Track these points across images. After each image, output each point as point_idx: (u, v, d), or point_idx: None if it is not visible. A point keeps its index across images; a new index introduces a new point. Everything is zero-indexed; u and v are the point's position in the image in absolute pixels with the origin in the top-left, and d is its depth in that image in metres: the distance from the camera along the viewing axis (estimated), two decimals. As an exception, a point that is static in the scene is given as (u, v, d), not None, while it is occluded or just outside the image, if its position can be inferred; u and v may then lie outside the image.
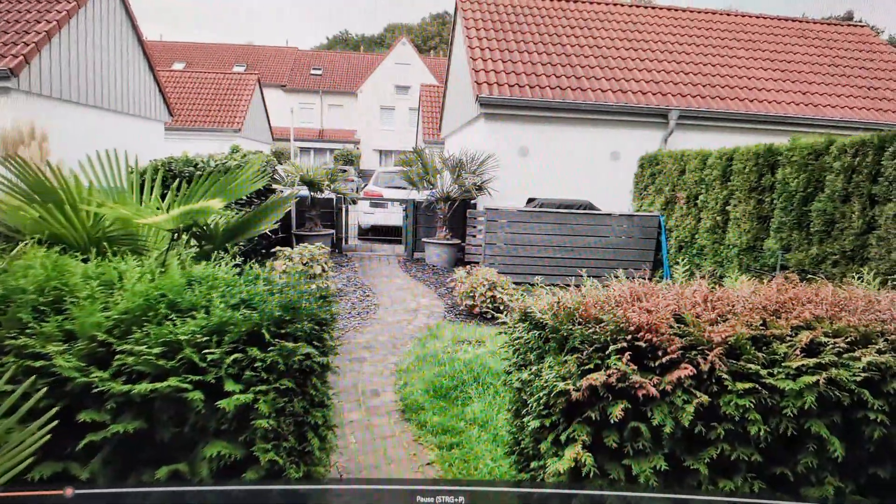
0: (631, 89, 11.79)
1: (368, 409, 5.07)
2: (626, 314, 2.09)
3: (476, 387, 5.24)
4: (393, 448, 4.46)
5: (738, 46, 13.87)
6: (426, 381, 5.43)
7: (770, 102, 12.14)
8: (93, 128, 13.85)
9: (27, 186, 2.92)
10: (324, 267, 8.14)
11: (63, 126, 12.51)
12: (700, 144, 9.37)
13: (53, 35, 12.54)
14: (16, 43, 11.93)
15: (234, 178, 3.26)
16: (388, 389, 5.47)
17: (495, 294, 7.48)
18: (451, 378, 5.42)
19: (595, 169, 11.54)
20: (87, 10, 13.82)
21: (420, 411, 4.92)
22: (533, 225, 9.73)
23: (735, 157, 8.06)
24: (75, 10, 13.17)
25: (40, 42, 12.12)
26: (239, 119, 25.64)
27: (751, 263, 7.63)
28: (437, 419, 4.76)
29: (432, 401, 5.09)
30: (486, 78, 11.59)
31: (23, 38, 12.06)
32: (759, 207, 7.58)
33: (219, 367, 1.92)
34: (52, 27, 12.44)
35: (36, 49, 11.99)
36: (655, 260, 9.73)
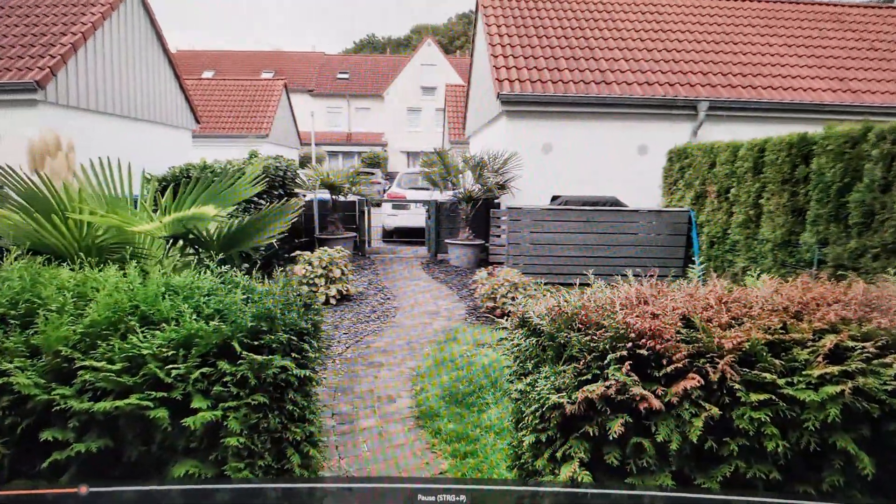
0: (658, 81, 11.46)
1: (383, 416, 4.96)
2: (626, 320, 1.92)
3: (493, 392, 5.08)
4: (406, 457, 4.34)
5: (769, 33, 13.37)
6: (443, 387, 5.30)
7: (805, 90, 11.66)
8: (120, 137, 14.09)
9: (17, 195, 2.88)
10: (343, 270, 8.08)
11: (90, 136, 12.74)
12: (732, 136, 9.02)
13: (79, 47, 12.77)
14: (42, 56, 12.17)
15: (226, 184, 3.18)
16: (404, 395, 5.35)
17: (517, 295, 7.31)
18: (469, 383, 5.28)
19: (621, 164, 11.25)
20: (113, 21, 14.07)
21: (435, 418, 4.80)
22: (557, 223, 9.51)
23: (767, 147, 7.72)
24: (101, 22, 13.41)
25: (66, 54, 12.35)
26: (266, 125, 25.93)
27: (786, 259, 7.29)
28: (452, 426, 4.63)
29: (448, 407, 4.96)
30: (508, 75, 11.41)
31: (49, 51, 12.30)
32: (793, 200, 7.24)
33: (186, 383, 1.82)
34: (77, 39, 12.67)
35: (62, 61, 12.22)
36: (686, 257, 9.41)
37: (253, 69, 42.19)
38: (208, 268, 2.51)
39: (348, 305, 8.03)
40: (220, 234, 3.25)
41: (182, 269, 3.18)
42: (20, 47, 12.54)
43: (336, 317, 7.49)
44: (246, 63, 44.13)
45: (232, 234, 3.28)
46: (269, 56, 46.18)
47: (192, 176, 7.58)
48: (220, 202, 3.24)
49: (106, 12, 13.54)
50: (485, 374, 5.41)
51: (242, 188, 3.32)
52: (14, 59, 12.19)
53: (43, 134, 10.65)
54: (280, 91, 27.72)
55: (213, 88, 27.78)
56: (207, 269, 2.49)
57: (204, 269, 2.53)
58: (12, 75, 11.76)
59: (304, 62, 45.21)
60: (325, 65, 45.32)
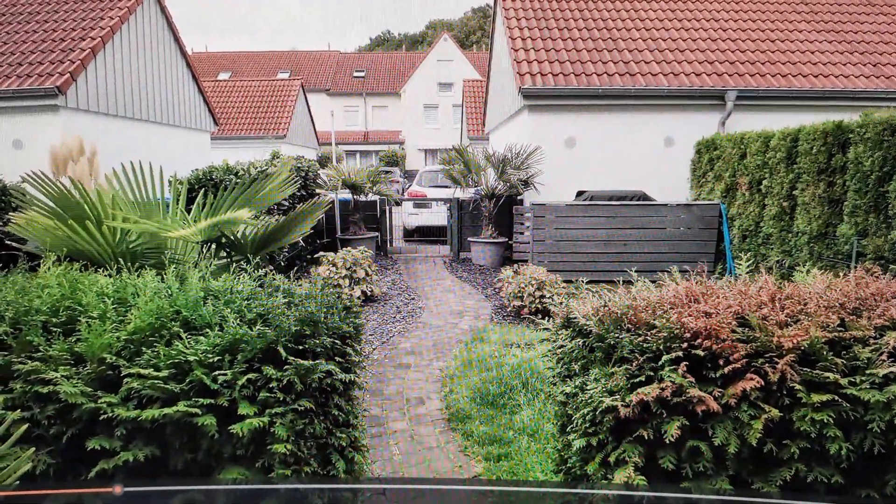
0: (684, 71, 11.31)
1: (413, 419, 4.96)
2: (681, 319, 1.87)
3: (525, 393, 5.05)
4: (438, 460, 4.33)
5: (798, 19, 13.12)
6: (473, 388, 5.28)
7: (837, 77, 11.42)
8: (140, 141, 14.29)
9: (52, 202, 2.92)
10: (367, 271, 8.09)
11: (111, 140, 12.96)
12: (762, 126, 8.86)
13: (98, 51, 12.94)
14: (62, 61, 12.35)
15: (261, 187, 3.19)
16: (434, 397, 5.34)
17: (544, 294, 7.26)
18: (499, 384, 5.25)
19: (648, 157, 11.12)
20: (130, 25, 14.25)
21: (466, 420, 4.78)
22: (583, 219, 9.43)
23: (801, 137, 7.57)
24: (118, 26, 13.58)
25: (85, 58, 12.52)
26: (284, 125, 26.11)
27: (823, 251, 7.15)
28: (484, 428, 4.61)
29: (479, 409, 4.94)
30: (529, 68, 11.33)
31: (68, 56, 12.47)
32: (829, 190, 7.09)
33: (232, 389, 1.81)
34: (96, 43, 12.84)
35: (82, 66, 12.39)
36: (717, 251, 9.28)
37: (269, 70, 42.51)
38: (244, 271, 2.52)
39: (373, 306, 8.05)
40: (253, 237, 3.26)
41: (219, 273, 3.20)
42: (40, 53, 12.75)
43: (361, 318, 7.49)
44: (262, 63, 44.47)
45: (264, 236, 3.29)
46: (284, 56, 46.49)
47: (216, 178, 7.65)
48: (254, 205, 3.26)
49: (123, 16, 13.71)
50: (515, 374, 5.37)
51: (275, 191, 3.33)
52: (34, 65, 12.40)
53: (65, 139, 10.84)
54: (297, 91, 27.89)
55: (230, 90, 28.05)
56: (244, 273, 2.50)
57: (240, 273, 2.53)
58: (33, 81, 11.97)
59: (319, 61, 45.44)
60: (341, 63, 45.51)
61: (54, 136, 12.12)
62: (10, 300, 2.01)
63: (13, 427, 1.68)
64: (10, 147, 12.30)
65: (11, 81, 11.96)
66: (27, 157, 11.98)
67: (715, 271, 9.29)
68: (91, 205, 2.74)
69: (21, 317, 1.97)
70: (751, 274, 2.57)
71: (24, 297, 2.06)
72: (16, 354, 1.85)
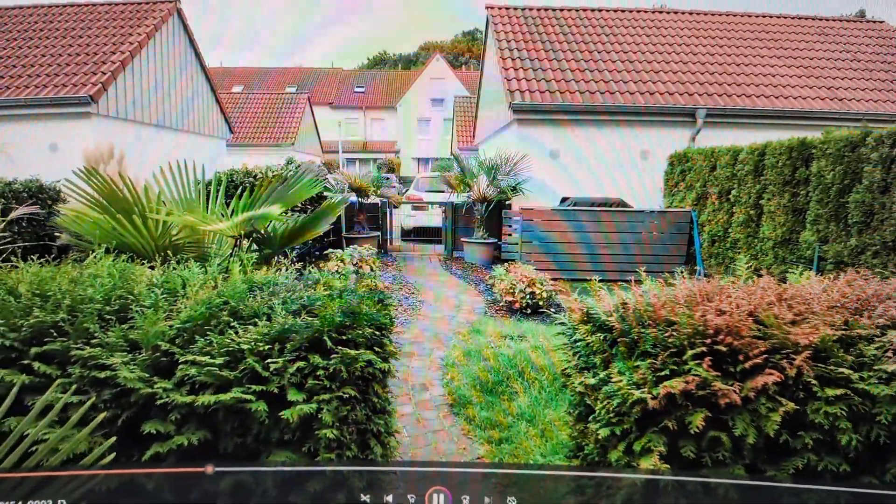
0: (658, 90, 11.32)
1: (418, 403, 4.86)
2: (706, 316, 1.80)
3: (521, 382, 4.98)
4: (443, 442, 4.24)
5: (760, 46, 13.20)
6: (472, 376, 5.19)
7: (796, 98, 11.50)
8: (163, 146, 14.07)
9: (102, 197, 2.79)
10: (372, 267, 7.98)
11: (137, 145, 12.74)
12: (728, 141, 8.88)
13: (127, 64, 12.75)
14: (94, 72, 12.16)
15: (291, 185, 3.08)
16: (436, 384, 5.25)
17: (534, 291, 7.19)
18: (497, 373, 5.18)
19: (626, 168, 11.11)
20: (156, 41, 14.03)
21: (468, 406, 4.69)
22: (567, 223, 9.39)
23: (767, 151, 7.57)
24: (146, 41, 13.38)
25: (116, 70, 12.34)
26: (292, 134, 25.87)
27: (787, 256, 7.15)
28: (484, 414, 4.53)
29: (479, 395, 4.85)
30: (518, 86, 11.28)
31: (100, 68, 12.29)
32: (793, 201, 7.10)
33: (281, 376, 1.72)
34: (125, 57, 12.65)
35: (112, 77, 12.21)
36: (688, 254, 9.28)
37: (278, 84, 42.10)
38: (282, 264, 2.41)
39: (378, 299, 7.93)
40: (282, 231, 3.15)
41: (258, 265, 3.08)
42: (74, 65, 12.58)
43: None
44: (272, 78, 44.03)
45: (291, 231, 3.18)
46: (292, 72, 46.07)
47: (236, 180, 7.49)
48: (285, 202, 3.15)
49: (150, 32, 13.51)
50: (511, 364, 5.30)
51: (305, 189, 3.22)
52: (70, 75, 12.22)
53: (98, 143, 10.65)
54: (304, 104, 27.67)
55: (243, 101, 27.73)
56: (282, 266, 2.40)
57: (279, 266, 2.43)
58: (68, 90, 11.80)
59: (324, 77, 45.12)
60: (343, 80, 45.24)
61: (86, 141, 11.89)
62: (65, 289, 1.90)
63: (73, 412, 1.57)
64: (46, 150, 12.06)
65: (49, 90, 11.79)
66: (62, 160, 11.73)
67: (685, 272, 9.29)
68: (136, 199, 2.62)
69: (77, 304, 1.85)
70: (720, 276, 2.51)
71: (78, 286, 1.94)
72: (73, 341, 1.74)
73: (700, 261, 8.98)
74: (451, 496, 1.49)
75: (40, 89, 11.58)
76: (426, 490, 1.50)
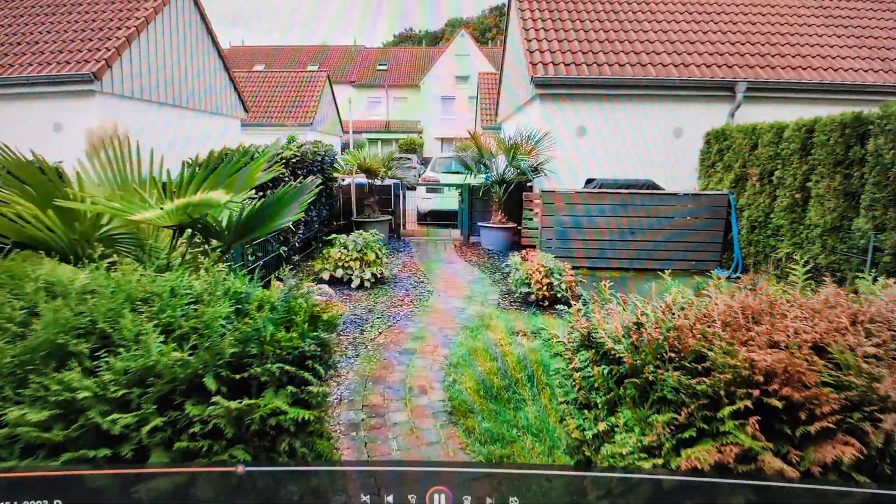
0: (694, 62, 10.47)
1: (415, 410, 4.39)
2: (753, 355, 1.25)
3: (530, 387, 4.46)
4: (437, 458, 3.76)
5: (807, 13, 12.13)
6: (476, 379, 4.70)
7: (846, 70, 10.52)
8: (172, 126, 13.78)
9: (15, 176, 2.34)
10: (378, 254, 7.51)
11: (144, 124, 12.46)
12: (771, 118, 8.08)
13: (133, 40, 12.43)
14: (98, 49, 11.88)
15: (235, 167, 2.59)
16: (437, 386, 4.77)
17: (552, 281, 6.63)
18: (503, 376, 4.67)
19: (657, 147, 10.35)
20: (164, 16, 13.67)
21: (468, 414, 4.20)
22: (592, 207, 8.74)
23: (816, 128, 6.80)
24: (153, 17, 13.03)
25: (121, 47, 12.03)
26: (311, 114, 25.48)
27: (836, 245, 6.42)
28: (486, 425, 4.03)
29: (482, 401, 4.36)
30: (542, 58, 10.57)
31: (105, 44, 12.00)
32: (846, 183, 6.35)
33: (139, 433, 1.23)
34: (131, 32, 12.33)
35: (117, 53, 11.91)
36: (724, 241, 8.55)
37: (300, 62, 41.77)
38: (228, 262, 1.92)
39: (382, 288, 7.47)
40: (229, 221, 2.67)
41: (191, 263, 2.60)
42: (79, 41, 12.32)
43: (370, 300, 6.94)
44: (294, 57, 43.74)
45: (245, 221, 2.69)
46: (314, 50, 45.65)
47: (230, 160, 7.06)
48: (232, 187, 2.66)
49: (158, 7, 13.16)
50: (521, 366, 4.78)
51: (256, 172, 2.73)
52: (73, 52, 11.98)
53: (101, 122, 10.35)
54: (323, 82, 27.19)
55: (263, 80, 27.40)
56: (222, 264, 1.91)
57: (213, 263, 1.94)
58: (71, 67, 11.54)
59: (346, 55, 44.59)
60: (366, 57, 44.61)
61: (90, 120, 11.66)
62: None
63: None
64: (50, 130, 11.87)
65: (52, 67, 11.56)
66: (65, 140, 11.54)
67: (721, 261, 8.59)
68: (39, 181, 2.16)
69: None
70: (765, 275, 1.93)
71: None
72: None
73: (738, 249, 8.25)
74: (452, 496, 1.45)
75: (43, 66, 11.35)
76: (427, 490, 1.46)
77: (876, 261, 5.76)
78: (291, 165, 7.68)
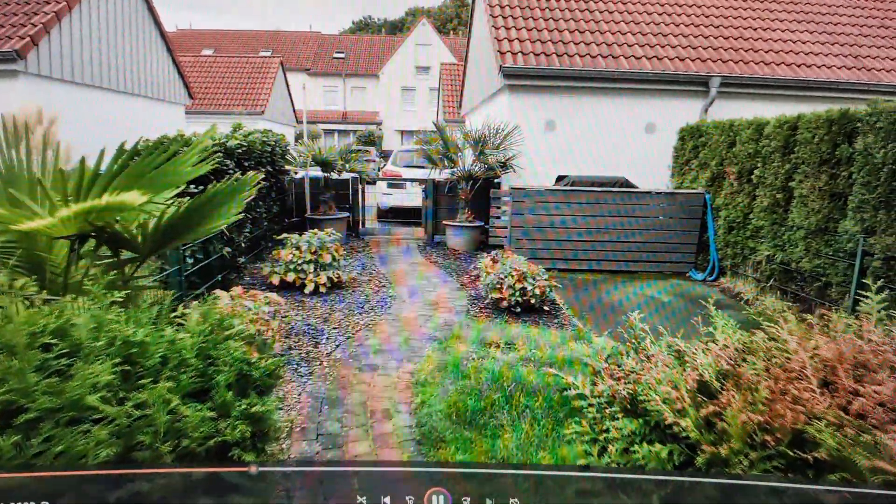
0: (668, 55, 10.29)
1: (378, 438, 3.91)
2: None
3: (508, 410, 4.05)
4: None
5: (779, 9, 12.15)
6: (447, 400, 4.25)
7: (819, 67, 10.53)
8: (107, 111, 12.81)
9: None
10: (334, 256, 6.97)
11: (75, 110, 11.47)
12: (743, 114, 7.93)
13: (63, 16, 11.44)
14: (24, 24, 10.88)
15: (155, 159, 2.06)
16: (403, 409, 4.30)
17: (525, 286, 6.25)
18: (477, 397, 4.24)
19: (629, 143, 10.13)
20: (101, -6, 12.69)
21: (440, 444, 3.76)
22: (563, 205, 8.42)
23: (800, 125, 6.63)
24: (86, -8, 12.05)
25: (48, 23, 11.06)
26: (262, 102, 24.50)
27: (821, 248, 6.26)
28: (461, 457, 3.60)
29: (455, 428, 3.92)
30: (510, 47, 10.18)
31: (31, 20, 11.01)
32: (831, 183, 6.18)
33: None
34: (61, 7, 11.36)
35: (44, 30, 10.93)
36: (700, 242, 8.37)
37: (252, 48, 40.37)
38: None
39: (340, 294, 6.95)
40: (155, 227, 2.14)
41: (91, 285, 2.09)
42: (1, 16, 11.24)
43: (326, 308, 6.40)
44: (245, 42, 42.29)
45: (166, 227, 2.16)
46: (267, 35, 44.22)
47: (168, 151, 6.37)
48: (151, 186, 2.13)
49: (92, -18, 12.17)
50: (497, 385, 4.36)
51: (187, 167, 2.20)
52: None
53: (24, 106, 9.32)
54: (276, 69, 26.19)
55: (211, 66, 26.18)
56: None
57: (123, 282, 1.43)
58: (-8, 45, 10.50)
59: (301, 42, 43.35)
60: (322, 44, 43.46)
61: (13, 104, 10.63)
62: None
63: None
64: (-31, 115, 10.79)
65: (-29, 45, 10.48)
66: (-18, 124, 10.50)
67: (696, 262, 8.40)
68: None
69: None
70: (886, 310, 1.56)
71: None
72: None
73: (714, 250, 8.07)
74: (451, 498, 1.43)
75: (-41, 43, 10.29)
76: (425, 491, 1.44)
77: (865, 265, 5.60)
78: (237, 156, 7.05)
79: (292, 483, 1.50)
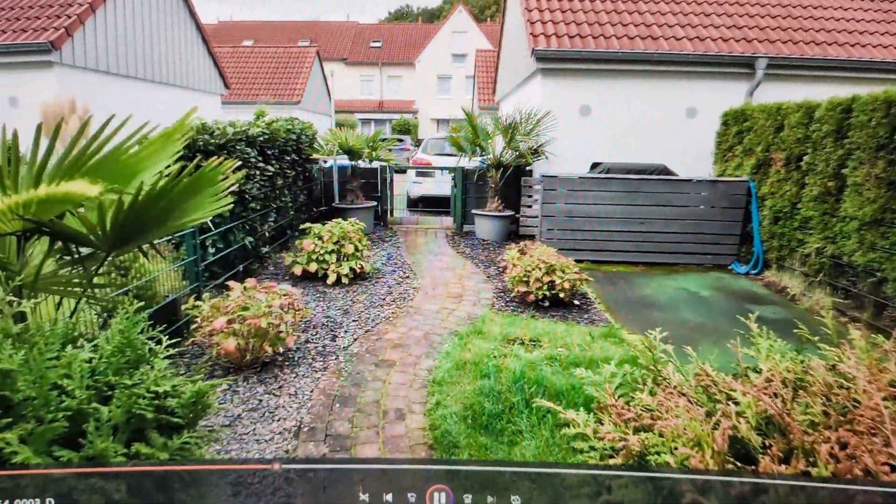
0: (710, 36, 9.66)
1: (388, 441, 3.68)
2: None
3: (529, 415, 3.75)
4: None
5: (832, -15, 11.30)
6: (464, 401, 3.98)
7: (875, 47, 9.73)
8: (142, 101, 12.90)
9: None
10: (357, 246, 6.76)
11: (110, 100, 11.57)
12: (793, 97, 7.32)
13: (97, 7, 11.54)
14: (59, 16, 11.02)
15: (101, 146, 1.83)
16: (417, 409, 4.05)
17: (554, 280, 5.90)
18: (497, 399, 3.95)
19: (668, 128, 9.59)
20: (135, -16, 12.76)
21: (453, 449, 3.50)
22: (597, 194, 7.99)
23: (855, 107, 6.05)
24: (121, -17, 12.13)
25: (83, 14, 11.17)
26: (298, 91, 24.52)
27: (876, 240, 5.70)
28: (474, 465, 3.33)
29: (470, 433, 3.64)
30: (543, 29, 9.74)
31: (66, 11, 11.14)
32: (889, 170, 5.61)
33: None
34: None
35: (79, 21, 11.04)
36: (743, 233, 7.83)
37: (291, 39, 40.57)
38: None
39: (362, 285, 6.74)
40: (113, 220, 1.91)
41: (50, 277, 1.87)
42: (38, 8, 11.46)
43: (347, 300, 6.20)
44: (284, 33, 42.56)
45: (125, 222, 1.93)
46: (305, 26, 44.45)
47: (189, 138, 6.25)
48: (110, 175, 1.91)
49: (128, -27, 12.24)
50: (518, 386, 4.07)
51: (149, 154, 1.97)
52: (31, 19, 11.13)
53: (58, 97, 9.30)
54: (312, 59, 26.16)
55: (249, 56, 26.34)
56: None
57: None
58: (28, 36, 10.71)
59: (339, 32, 43.37)
60: (359, 34, 43.39)
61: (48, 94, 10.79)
62: None
63: None
64: (6, 104, 11.03)
65: (7, 36, 10.72)
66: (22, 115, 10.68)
67: (739, 255, 7.87)
68: None
69: None
70: None
71: None
72: None
73: (758, 242, 7.53)
74: (453, 495, 1.39)
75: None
76: (427, 488, 1.39)
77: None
78: (259, 145, 6.88)
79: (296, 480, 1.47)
